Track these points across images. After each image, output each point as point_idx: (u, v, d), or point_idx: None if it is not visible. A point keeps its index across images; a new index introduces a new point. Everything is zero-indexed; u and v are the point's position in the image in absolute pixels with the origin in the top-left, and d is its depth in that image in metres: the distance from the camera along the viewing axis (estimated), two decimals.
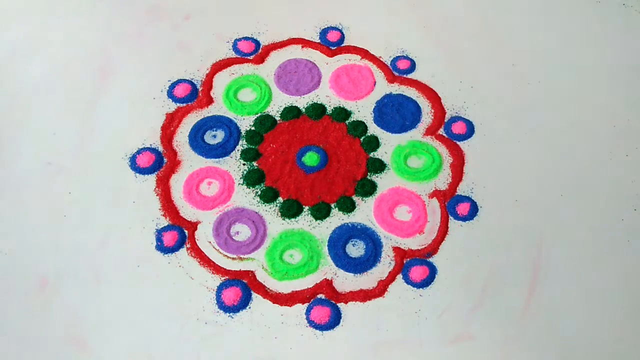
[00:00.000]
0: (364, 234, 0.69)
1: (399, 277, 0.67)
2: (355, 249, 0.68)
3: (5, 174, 0.72)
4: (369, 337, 0.63)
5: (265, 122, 0.77)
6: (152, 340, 0.62)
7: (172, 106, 0.78)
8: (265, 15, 0.88)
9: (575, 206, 0.72)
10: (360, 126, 0.78)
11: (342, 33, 0.87)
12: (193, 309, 0.64)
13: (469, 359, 0.62)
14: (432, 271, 0.67)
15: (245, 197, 0.72)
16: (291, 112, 0.78)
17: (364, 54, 0.85)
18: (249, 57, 0.84)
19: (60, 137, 0.75)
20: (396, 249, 0.68)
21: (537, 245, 0.69)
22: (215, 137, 0.76)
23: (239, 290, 0.65)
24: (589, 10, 0.92)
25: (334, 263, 0.67)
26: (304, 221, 0.70)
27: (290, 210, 0.70)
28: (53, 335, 0.61)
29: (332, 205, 0.71)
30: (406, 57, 0.84)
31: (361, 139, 0.77)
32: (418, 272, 0.66)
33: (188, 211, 0.70)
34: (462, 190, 0.73)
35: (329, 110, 0.79)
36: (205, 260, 0.67)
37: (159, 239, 0.67)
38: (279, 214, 0.70)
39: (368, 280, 0.66)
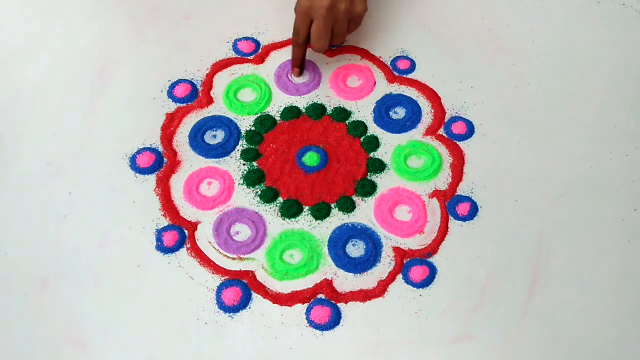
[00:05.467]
0: (364, 234, 0.69)
1: (399, 277, 0.67)
2: (355, 249, 0.68)
3: (5, 174, 0.72)
4: (369, 337, 0.63)
5: (265, 122, 0.77)
6: (152, 340, 0.62)
7: (172, 106, 0.78)
8: (265, 15, 0.88)
9: (575, 206, 0.72)
10: (360, 126, 0.78)
11: None
12: (193, 309, 0.64)
13: (469, 359, 0.62)
14: (432, 271, 0.67)
15: (245, 197, 0.72)
16: (291, 112, 0.79)
17: (364, 54, 0.85)
18: (249, 57, 0.84)
19: (60, 137, 0.75)
20: (396, 249, 0.69)
21: (537, 245, 0.69)
22: (215, 137, 0.76)
23: (239, 290, 0.65)
24: (589, 10, 0.92)
25: (334, 263, 0.67)
26: (304, 221, 0.70)
27: (290, 210, 0.70)
28: (53, 335, 0.61)
29: (332, 205, 0.71)
30: (406, 57, 0.85)
31: (361, 139, 0.77)
32: (418, 272, 0.66)
33: (188, 211, 0.70)
34: (462, 190, 0.73)
35: (329, 110, 0.79)
36: (205, 260, 0.67)
37: (159, 239, 0.68)
38: (279, 214, 0.70)
39: (368, 280, 0.66)
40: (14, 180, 0.71)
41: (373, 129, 0.78)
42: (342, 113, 0.79)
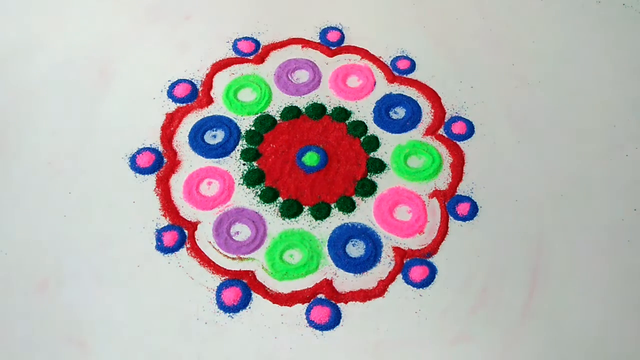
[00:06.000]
0: (364, 234, 0.69)
1: (399, 277, 0.67)
2: (355, 249, 0.68)
3: (5, 174, 0.72)
4: (369, 337, 0.63)
5: (265, 122, 0.77)
6: (152, 340, 0.62)
7: (172, 106, 0.78)
8: (265, 15, 0.88)
9: (575, 206, 0.72)
10: (360, 126, 0.78)
11: (342, 33, 0.87)
12: (193, 309, 0.64)
13: (469, 359, 0.62)
14: (432, 271, 0.67)
15: (245, 197, 0.72)
16: (291, 112, 0.79)
17: (364, 54, 0.85)
18: (249, 57, 0.84)
19: (60, 137, 0.75)
20: (396, 249, 0.69)
21: (537, 245, 0.69)
22: (215, 137, 0.76)
23: (239, 290, 0.65)
24: (589, 10, 0.92)
25: (334, 263, 0.67)
26: (304, 221, 0.70)
27: (290, 210, 0.70)
28: (53, 335, 0.61)
29: (332, 205, 0.71)
30: (406, 57, 0.85)
31: (361, 139, 0.77)
32: (418, 272, 0.67)
33: (188, 211, 0.70)
34: (462, 190, 0.73)
35: (329, 110, 0.79)
36: (205, 260, 0.67)
37: (159, 239, 0.68)
38: (279, 214, 0.71)
39: (368, 280, 0.66)
40: (14, 180, 0.71)
41: (373, 129, 0.78)
42: (342, 113, 0.79)
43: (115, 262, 0.66)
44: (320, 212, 0.71)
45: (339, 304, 0.65)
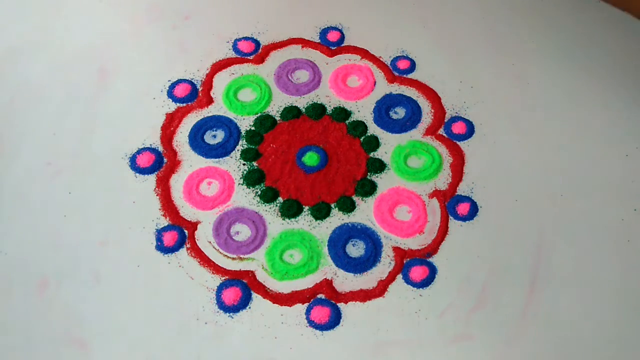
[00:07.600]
0: (364, 234, 0.69)
1: (399, 277, 0.67)
2: (355, 249, 0.68)
3: (5, 174, 0.72)
4: (369, 337, 0.63)
5: (265, 122, 0.77)
6: (152, 340, 0.62)
7: (172, 106, 0.78)
8: (265, 15, 0.88)
9: (575, 206, 0.72)
10: (360, 126, 0.78)
11: (342, 33, 0.87)
12: (193, 309, 0.64)
13: (469, 359, 0.62)
14: (432, 271, 0.67)
15: (245, 197, 0.72)
16: (291, 112, 0.79)
17: (364, 54, 0.85)
18: (249, 57, 0.84)
19: (60, 137, 0.75)
20: (396, 249, 0.69)
21: (537, 245, 0.69)
22: (215, 137, 0.76)
23: (239, 290, 0.65)
24: (589, 11, 0.92)
25: (334, 263, 0.67)
26: (304, 221, 0.70)
27: (290, 210, 0.70)
28: (53, 335, 0.61)
29: (332, 205, 0.71)
30: (406, 57, 0.85)
31: (361, 139, 0.77)
32: (418, 272, 0.67)
33: (188, 211, 0.70)
34: (462, 190, 0.73)
35: (329, 110, 0.79)
36: (205, 260, 0.67)
37: (159, 239, 0.68)
38: (279, 214, 0.71)
39: (368, 280, 0.66)
40: (14, 180, 0.71)
41: (373, 129, 0.78)
42: (342, 113, 0.79)
43: (115, 262, 0.66)
44: (320, 212, 0.71)
45: (339, 304, 0.65)
